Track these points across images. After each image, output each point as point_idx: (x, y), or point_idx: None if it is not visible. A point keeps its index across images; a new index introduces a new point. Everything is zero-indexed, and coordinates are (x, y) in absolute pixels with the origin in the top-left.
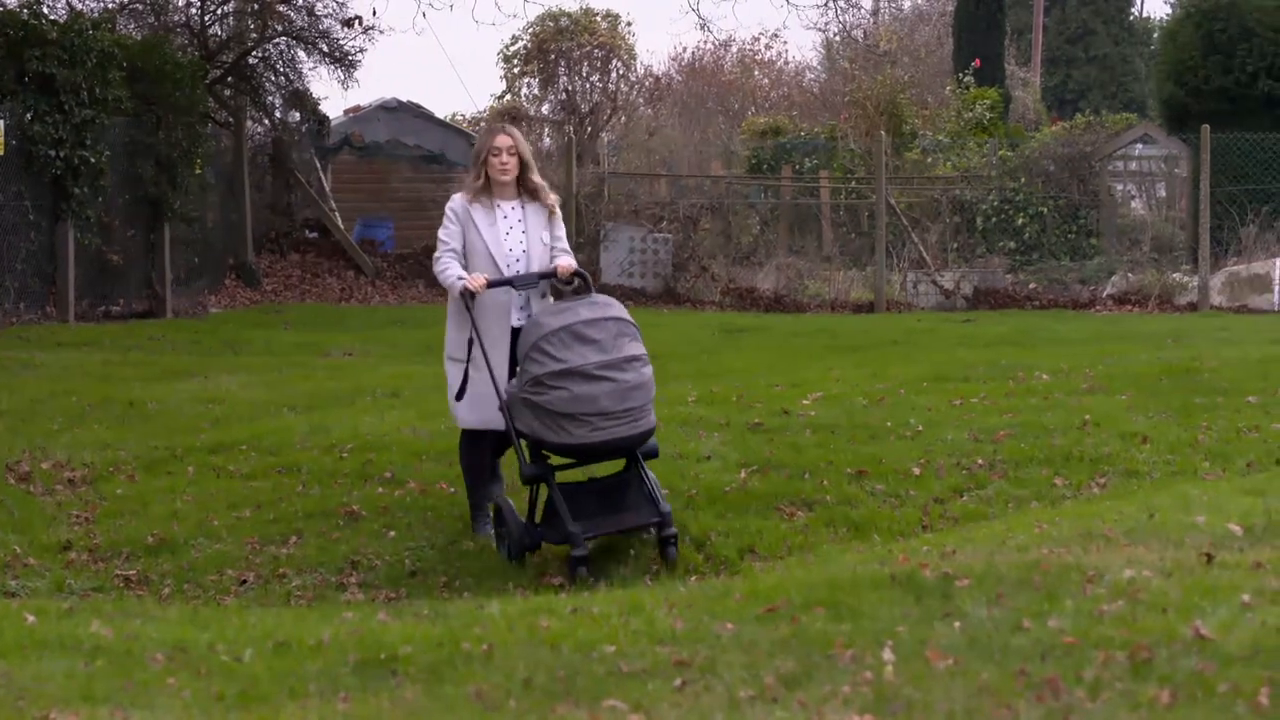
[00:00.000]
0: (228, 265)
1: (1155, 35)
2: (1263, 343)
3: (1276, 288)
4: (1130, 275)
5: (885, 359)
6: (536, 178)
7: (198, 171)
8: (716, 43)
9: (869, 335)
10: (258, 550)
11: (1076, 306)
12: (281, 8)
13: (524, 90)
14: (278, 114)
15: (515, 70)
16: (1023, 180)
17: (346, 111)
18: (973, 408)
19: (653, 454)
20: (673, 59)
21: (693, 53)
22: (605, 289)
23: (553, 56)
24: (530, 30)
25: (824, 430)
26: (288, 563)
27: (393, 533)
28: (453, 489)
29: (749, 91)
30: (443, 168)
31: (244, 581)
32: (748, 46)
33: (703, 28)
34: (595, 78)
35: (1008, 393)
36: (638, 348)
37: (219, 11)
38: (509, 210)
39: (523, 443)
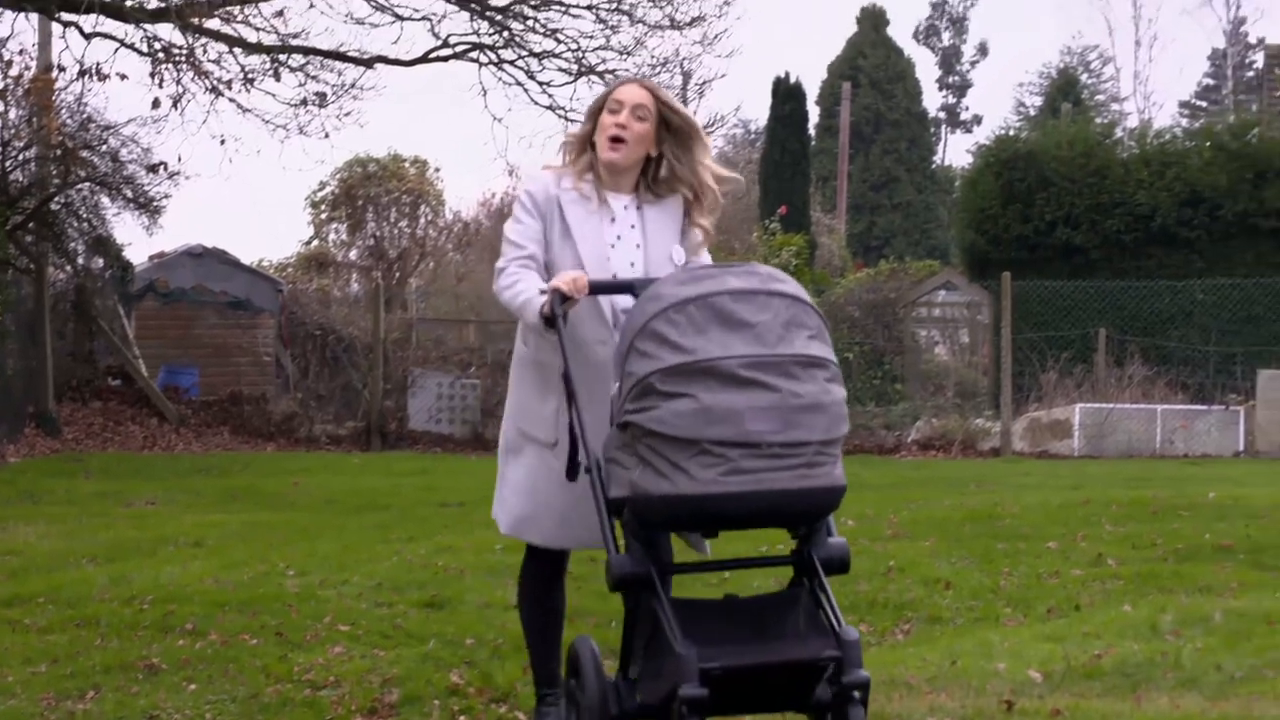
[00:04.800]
0: (27, 414)
1: (957, 183)
2: (1063, 488)
3: (1076, 433)
4: (934, 421)
5: None
6: (695, 165)
7: None
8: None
9: None
10: (53, 706)
11: (882, 452)
12: (84, 154)
13: (332, 236)
14: (81, 260)
15: (323, 216)
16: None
17: (151, 257)
18: (777, 554)
19: (838, 560)
20: (481, 204)
21: (501, 198)
22: (412, 436)
23: (361, 202)
24: (338, 176)
25: None
26: (84, 718)
27: (193, 686)
28: (255, 640)
29: None
30: (249, 314)
31: None
32: None
33: (511, 173)
34: (404, 223)
35: (759, 539)
36: (822, 348)
37: (20, 157)
38: (621, 209)
39: (616, 522)
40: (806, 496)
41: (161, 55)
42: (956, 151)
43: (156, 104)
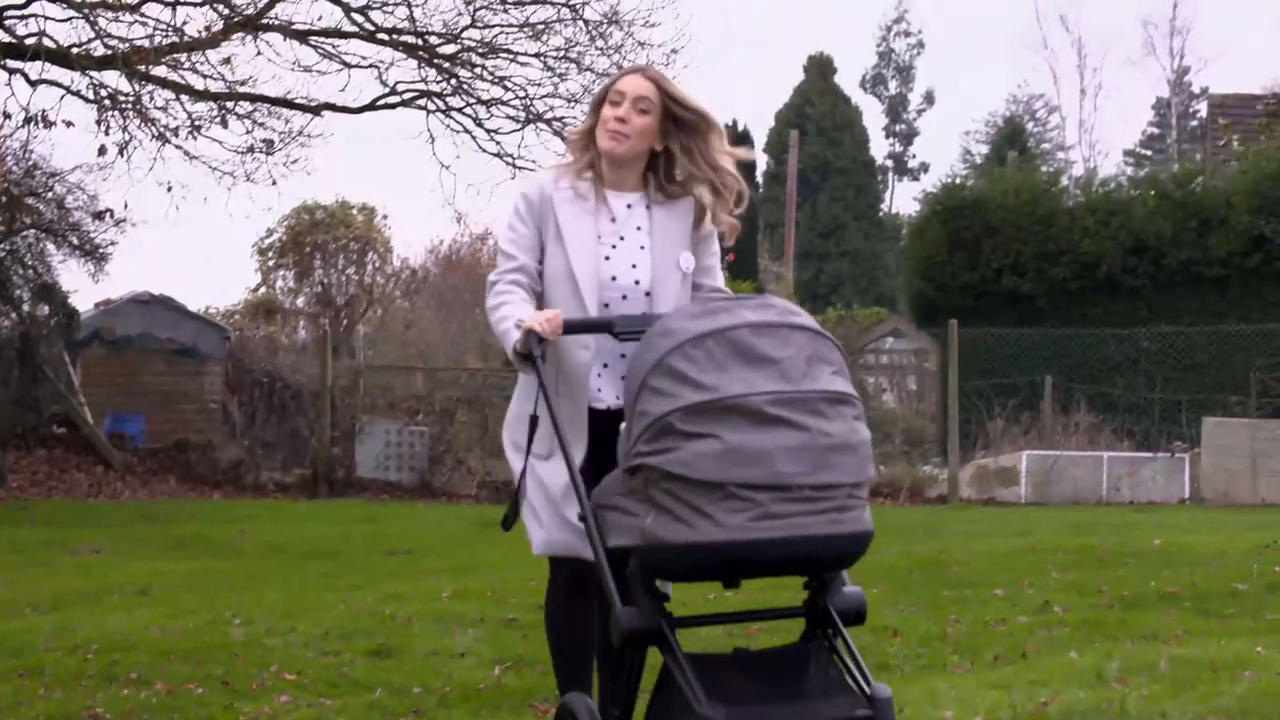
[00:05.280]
0: None
1: (904, 231)
2: (1009, 535)
3: (1023, 480)
4: (882, 468)
5: None
6: (710, 155)
7: None
8: (473, 235)
9: None
10: None
11: None
12: (30, 200)
13: (279, 283)
14: (26, 307)
15: (270, 263)
16: None
17: (98, 304)
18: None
19: (855, 610)
20: (430, 251)
21: (450, 245)
22: (360, 483)
23: (308, 249)
24: (286, 223)
25: None
26: None
27: None
28: (201, 689)
29: None
30: (196, 361)
31: None
32: None
33: (459, 220)
34: (351, 270)
35: (761, 586)
36: (846, 384)
37: None
38: (623, 208)
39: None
40: (838, 542)
41: (108, 102)
42: (904, 199)
43: (103, 151)
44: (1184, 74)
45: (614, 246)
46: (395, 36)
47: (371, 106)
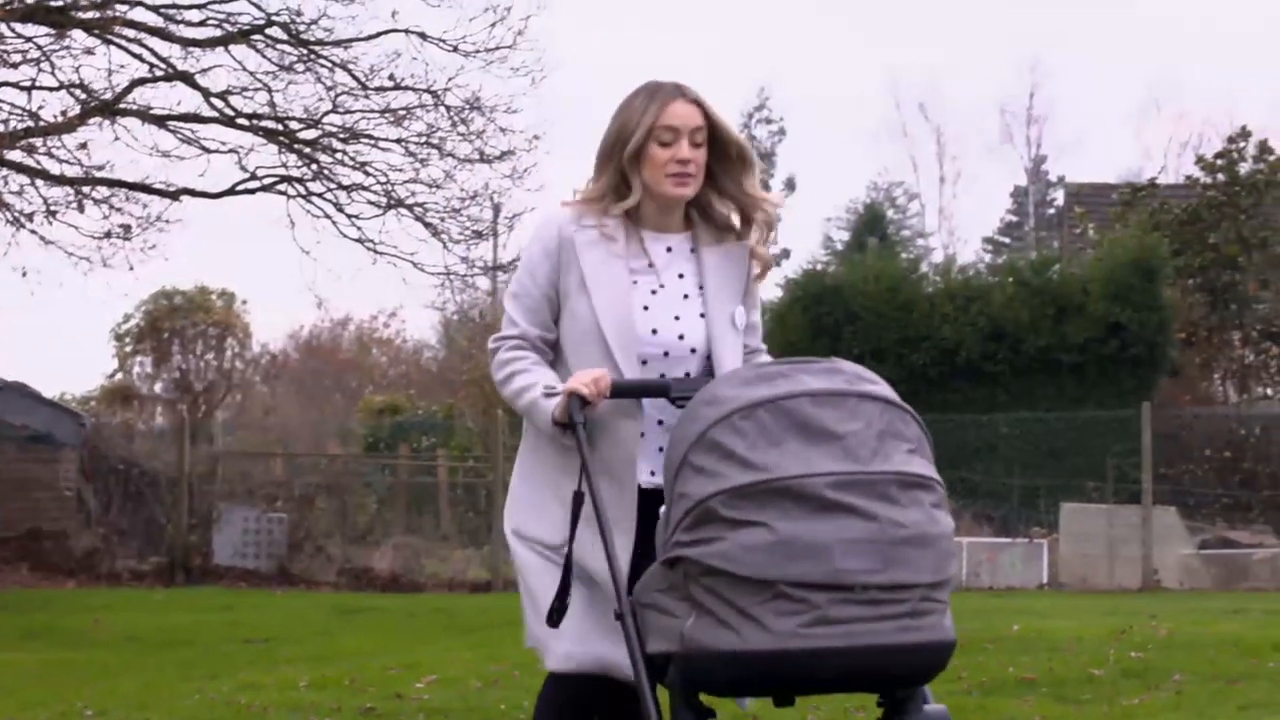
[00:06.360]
0: None
1: (766, 317)
2: None
3: None
4: None
5: (501, 640)
6: (750, 187)
7: None
8: (334, 321)
9: (486, 615)
10: None
11: None
12: None
13: (137, 369)
14: None
15: (128, 349)
16: None
17: None
18: None
19: None
20: (290, 336)
21: (310, 330)
22: (217, 571)
23: (166, 335)
24: (143, 308)
25: (438, 714)
26: None
27: None
28: None
29: (367, 369)
30: (50, 448)
31: None
32: (366, 324)
33: (320, 305)
34: (210, 356)
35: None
36: (925, 465)
37: None
38: (663, 252)
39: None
40: (911, 654)
41: None
42: (766, 285)
43: None
44: (1041, 162)
45: (653, 293)
46: (255, 122)
47: (231, 191)
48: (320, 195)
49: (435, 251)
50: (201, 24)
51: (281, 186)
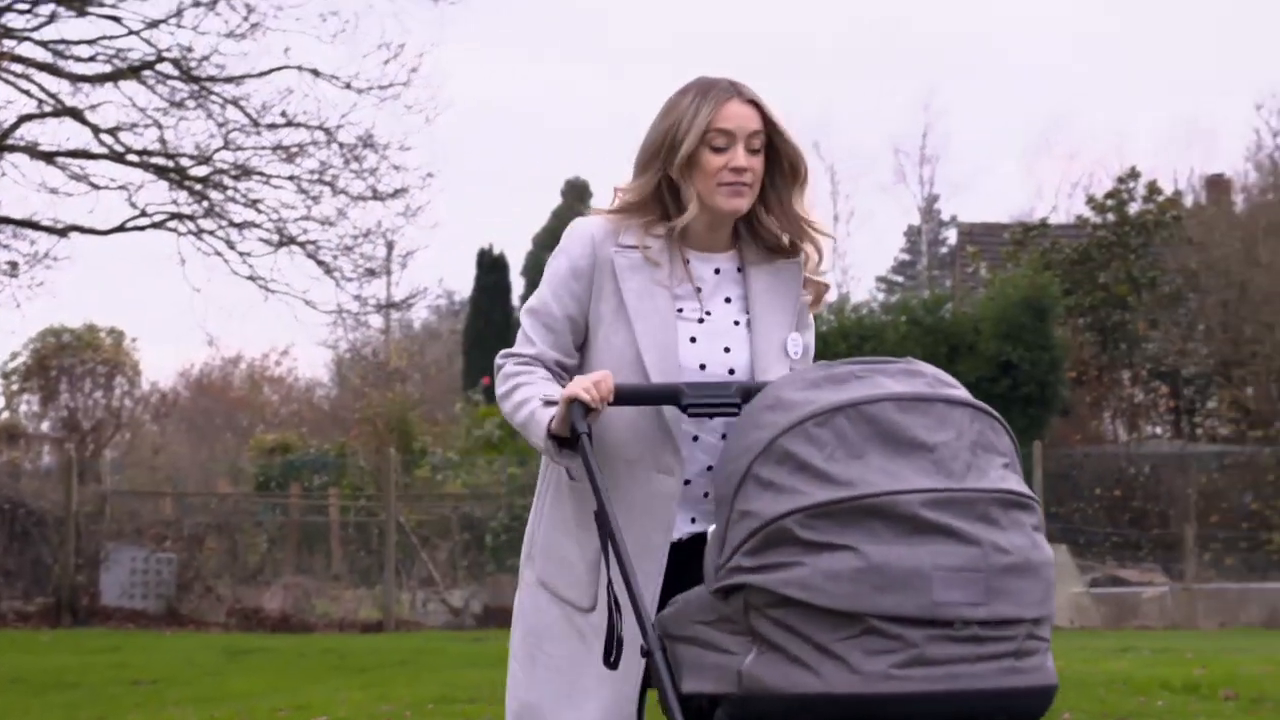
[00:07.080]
0: None
1: None
2: None
3: None
4: None
5: (393, 679)
6: (799, 207)
7: None
8: (225, 359)
9: (377, 655)
10: None
11: None
12: None
13: (23, 407)
14: None
15: (14, 387)
16: (533, 498)
17: None
18: None
19: None
20: (180, 374)
21: (201, 369)
22: (104, 612)
23: (54, 373)
24: (30, 346)
25: None
26: None
27: None
28: None
29: (258, 408)
30: None
31: None
32: (258, 362)
33: (211, 343)
34: (99, 394)
35: None
36: (1019, 481)
37: None
38: (709, 274)
39: None
40: (1015, 700)
41: None
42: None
43: None
44: (934, 201)
45: (700, 321)
46: (146, 158)
47: (121, 229)
48: (211, 232)
49: (328, 289)
50: (91, 59)
51: (172, 224)
